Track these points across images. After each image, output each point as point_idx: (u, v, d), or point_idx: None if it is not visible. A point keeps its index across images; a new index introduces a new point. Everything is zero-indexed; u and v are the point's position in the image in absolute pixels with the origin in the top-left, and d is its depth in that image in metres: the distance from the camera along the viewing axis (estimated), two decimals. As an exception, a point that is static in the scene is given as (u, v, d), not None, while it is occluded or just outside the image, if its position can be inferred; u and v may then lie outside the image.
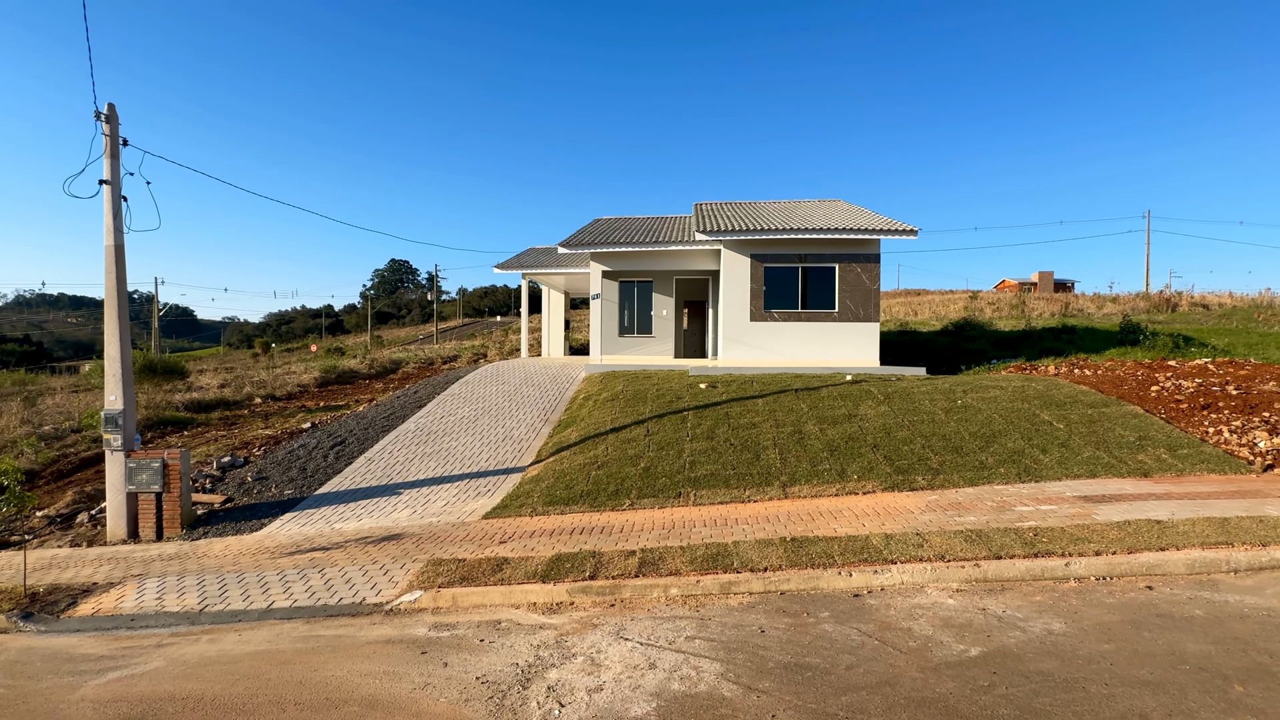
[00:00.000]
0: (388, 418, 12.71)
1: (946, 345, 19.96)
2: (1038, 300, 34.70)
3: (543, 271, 19.28)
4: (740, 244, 14.65)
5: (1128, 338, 17.21)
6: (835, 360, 14.31)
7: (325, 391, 19.82)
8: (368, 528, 7.76)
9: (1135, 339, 16.95)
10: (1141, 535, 5.69)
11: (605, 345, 16.84)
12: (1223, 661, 3.89)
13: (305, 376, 21.60)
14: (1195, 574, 5.20)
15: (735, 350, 14.63)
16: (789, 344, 14.50)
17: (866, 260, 14.38)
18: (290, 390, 19.48)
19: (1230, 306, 27.11)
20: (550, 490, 8.19)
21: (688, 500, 7.60)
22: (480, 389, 14.44)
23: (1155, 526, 5.88)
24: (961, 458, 8.30)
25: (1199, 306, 27.86)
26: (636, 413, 10.78)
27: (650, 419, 10.38)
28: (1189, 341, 16.84)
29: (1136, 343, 16.65)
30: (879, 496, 7.35)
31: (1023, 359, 16.06)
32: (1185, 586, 5.01)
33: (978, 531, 6.01)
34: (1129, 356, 15.11)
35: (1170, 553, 5.33)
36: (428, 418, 12.38)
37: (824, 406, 10.44)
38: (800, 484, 7.83)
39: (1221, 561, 5.23)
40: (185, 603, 5.70)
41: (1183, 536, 5.62)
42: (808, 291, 14.53)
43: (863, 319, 14.37)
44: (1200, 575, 5.18)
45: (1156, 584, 5.08)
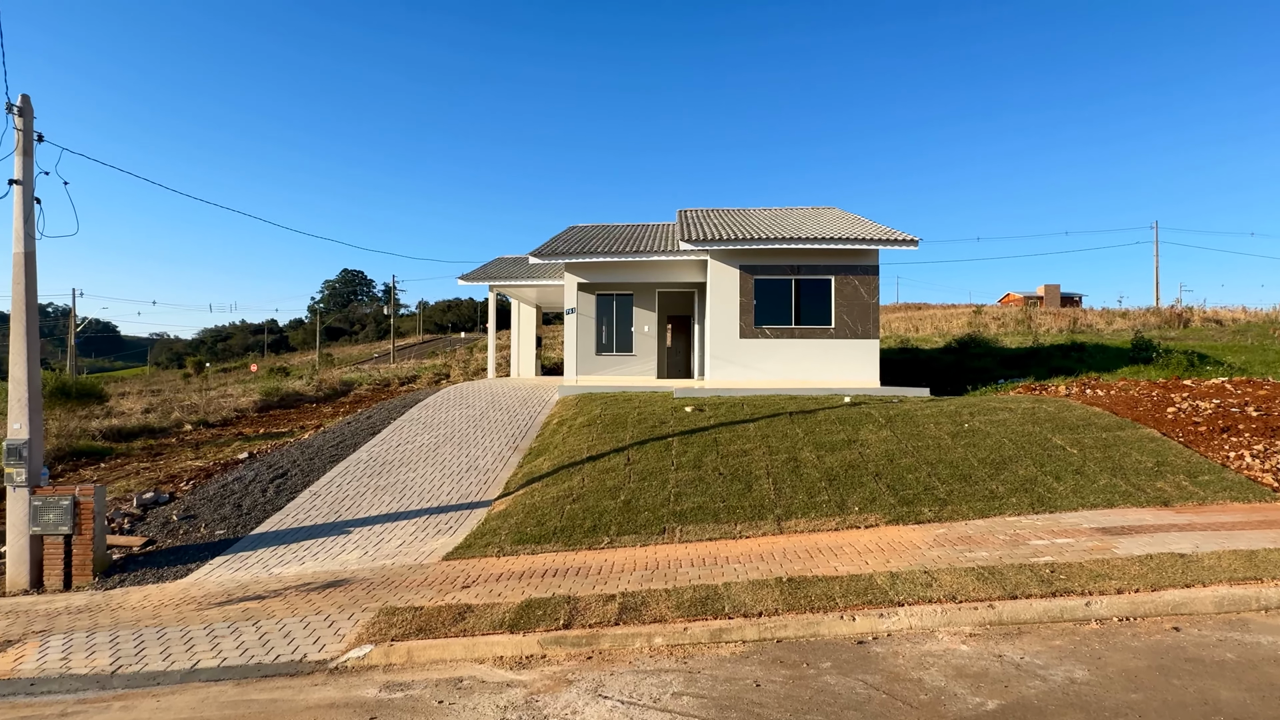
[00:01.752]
0: (337, 446, 12.53)
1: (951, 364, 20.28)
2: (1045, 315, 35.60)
3: (512, 284, 19.26)
4: (729, 254, 14.77)
5: (1140, 355, 17.66)
6: (832, 380, 14.41)
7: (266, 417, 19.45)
8: (311, 572, 7.52)
9: (1148, 357, 17.40)
10: (1165, 571, 5.75)
11: (581, 364, 16.83)
12: (1259, 711, 3.91)
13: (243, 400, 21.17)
14: (1224, 613, 5.25)
15: (724, 370, 14.68)
16: (782, 363, 14.58)
17: (865, 272, 14.57)
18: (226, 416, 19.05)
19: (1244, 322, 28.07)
20: (519, 527, 8.07)
21: (673, 536, 7.53)
22: (442, 413, 14.31)
23: (1179, 561, 5.94)
24: (970, 487, 8.36)
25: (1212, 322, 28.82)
26: (616, 439, 10.72)
27: (631, 446, 10.32)
28: (1204, 359, 17.34)
29: (1149, 361, 17.09)
30: (882, 530, 7.35)
31: (1031, 378, 16.36)
32: (1214, 627, 5.05)
33: (991, 568, 6.01)
34: (1142, 375, 15.48)
35: (1196, 589, 5.39)
36: (382, 446, 12.23)
37: (821, 431, 10.47)
38: (797, 517, 7.81)
39: (1251, 599, 5.30)
40: (95, 663, 5.42)
41: (1209, 572, 5.69)
42: (802, 306, 14.67)
43: (861, 335, 14.52)
44: (1229, 614, 5.24)
45: (1183, 624, 5.11)
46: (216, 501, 10.04)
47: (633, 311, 17.39)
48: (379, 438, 12.80)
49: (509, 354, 24.76)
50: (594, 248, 16.32)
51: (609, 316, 17.51)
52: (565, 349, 16.82)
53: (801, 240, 14.16)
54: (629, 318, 17.38)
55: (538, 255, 15.96)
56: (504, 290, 20.75)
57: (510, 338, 23.26)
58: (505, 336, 44.29)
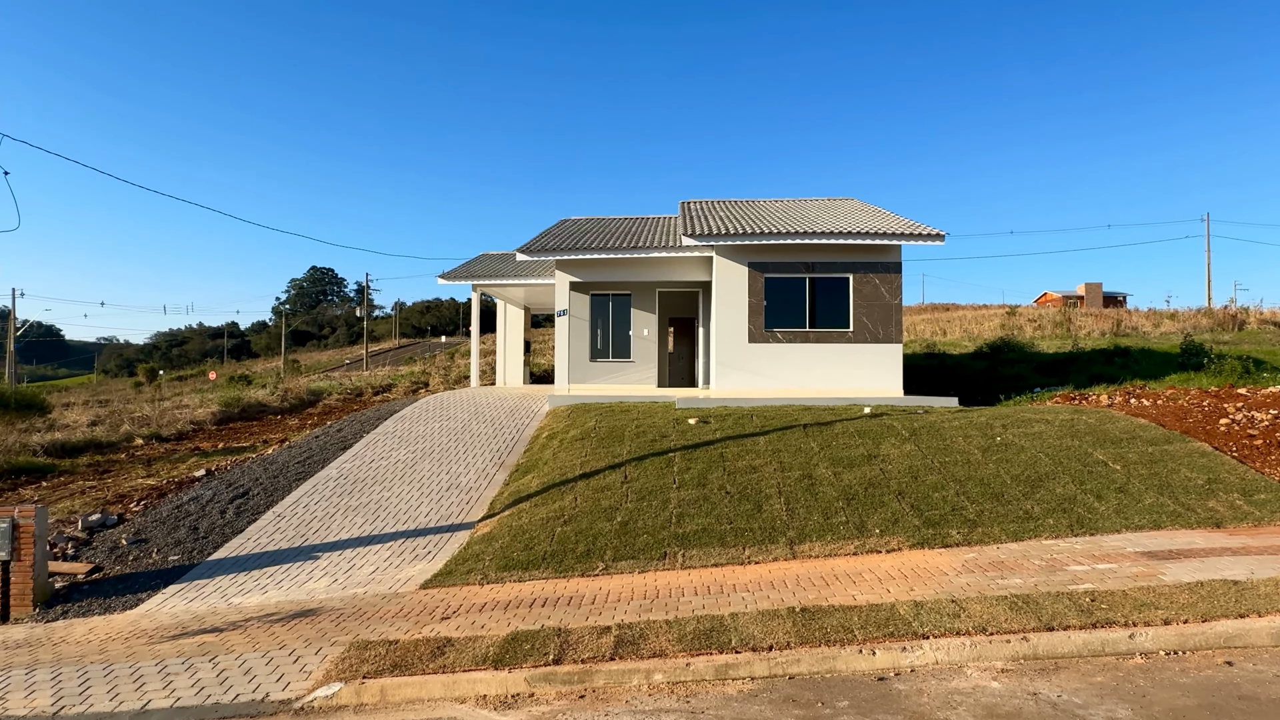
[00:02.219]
0: (304, 462, 12.57)
1: (981, 370, 20.30)
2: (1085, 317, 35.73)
3: (498, 283, 19.30)
4: (736, 250, 14.83)
5: (1190, 361, 17.69)
6: (851, 389, 14.44)
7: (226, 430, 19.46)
8: (275, 602, 7.51)
9: (1199, 363, 17.43)
10: (1217, 599, 5.75)
11: (574, 372, 16.85)
12: (1320, 754, 3.90)
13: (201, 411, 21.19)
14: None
15: (731, 378, 14.70)
16: (795, 370, 14.62)
17: (886, 270, 14.62)
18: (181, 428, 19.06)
19: (1306, 324, 28.15)
20: (505, 552, 8.08)
21: (674, 562, 7.54)
22: (420, 426, 14.33)
23: (1232, 588, 5.95)
24: (1003, 506, 8.37)
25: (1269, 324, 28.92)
26: (612, 455, 10.74)
27: (628, 462, 10.33)
28: (1260, 365, 17.37)
29: (1200, 367, 17.12)
30: (906, 555, 7.37)
31: (1070, 386, 16.39)
32: (1271, 661, 5.05)
33: (1025, 597, 6.02)
34: (1192, 383, 15.51)
35: (1252, 620, 5.39)
36: (354, 462, 12.26)
37: (838, 445, 10.49)
38: (811, 540, 7.83)
39: (1311, 630, 5.29)
40: (36, 704, 5.41)
41: (1265, 600, 5.69)
42: (817, 307, 14.71)
43: (883, 339, 14.55)
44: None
45: (1237, 658, 5.12)
46: (170, 524, 10.03)
47: (631, 313, 17.43)
48: (350, 453, 12.81)
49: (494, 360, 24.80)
50: (588, 243, 16.36)
51: (604, 319, 17.52)
52: (556, 355, 16.86)
53: (816, 235, 14.21)
54: (626, 320, 17.40)
55: (526, 251, 16.01)
56: (489, 290, 20.77)
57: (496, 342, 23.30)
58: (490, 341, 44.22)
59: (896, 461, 9.77)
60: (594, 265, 16.49)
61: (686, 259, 16.19)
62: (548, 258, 16.30)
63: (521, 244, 16.48)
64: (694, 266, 16.35)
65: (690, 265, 16.34)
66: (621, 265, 16.44)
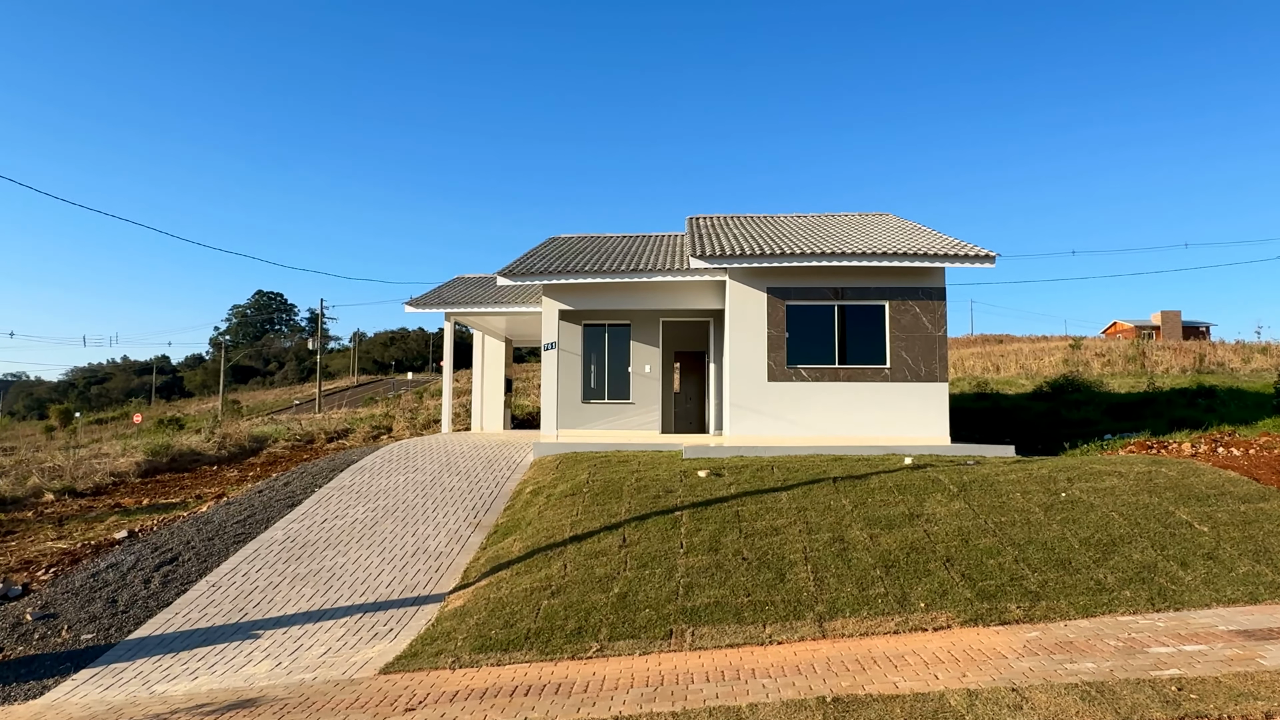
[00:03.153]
0: (244, 522, 12.59)
1: (1042, 414, 20.28)
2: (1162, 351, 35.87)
3: (475, 310, 19.47)
4: (753, 273, 14.97)
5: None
6: (888, 436, 14.45)
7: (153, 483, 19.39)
8: (207, 690, 7.42)
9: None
10: (1327, 687, 5.69)
11: (563, 415, 16.88)
12: None
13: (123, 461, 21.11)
14: (1406, 743, 5.19)
15: (748, 422, 14.72)
16: (823, 413, 14.65)
17: (928, 296, 14.75)
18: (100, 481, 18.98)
19: None
20: (482, 629, 8.01)
21: (682, 642, 7.48)
22: (382, 479, 14.37)
23: (1345, 674, 5.89)
24: (1071, 576, 8.34)
25: (1380, 360, 28.94)
26: (608, 514, 10.72)
27: (628, 523, 10.32)
28: (1371, 408, 17.36)
29: (1300, 410, 17.13)
30: (956, 634, 7.31)
31: (1146, 433, 16.39)
32: (1393, 762, 4.97)
33: (1100, 685, 5.96)
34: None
35: (1369, 713, 5.32)
36: (304, 522, 12.27)
37: (875, 503, 10.48)
38: (844, 616, 7.78)
39: None
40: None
41: (1384, 688, 5.63)
42: (848, 339, 14.78)
43: (925, 377, 14.61)
44: None
45: (1353, 759, 5.04)
46: (85, 596, 9.94)
47: (630, 347, 17.48)
48: (300, 511, 12.83)
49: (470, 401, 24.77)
50: (580, 265, 16.51)
51: (599, 353, 17.54)
52: (543, 395, 16.89)
53: (847, 255, 14.36)
54: (625, 355, 17.44)
55: (508, 274, 16.15)
56: (464, 319, 20.87)
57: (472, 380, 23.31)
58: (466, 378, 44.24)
59: (943, 522, 9.74)
60: (587, 291, 16.63)
61: (695, 283, 16.33)
62: (533, 281, 16.41)
63: (503, 266, 16.63)
64: (704, 292, 16.49)
65: (699, 291, 16.48)
66: (619, 291, 16.58)
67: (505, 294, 19.70)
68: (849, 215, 19.83)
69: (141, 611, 9.47)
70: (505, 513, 11.87)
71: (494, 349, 23.10)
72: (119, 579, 10.43)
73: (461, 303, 19.72)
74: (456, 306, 19.58)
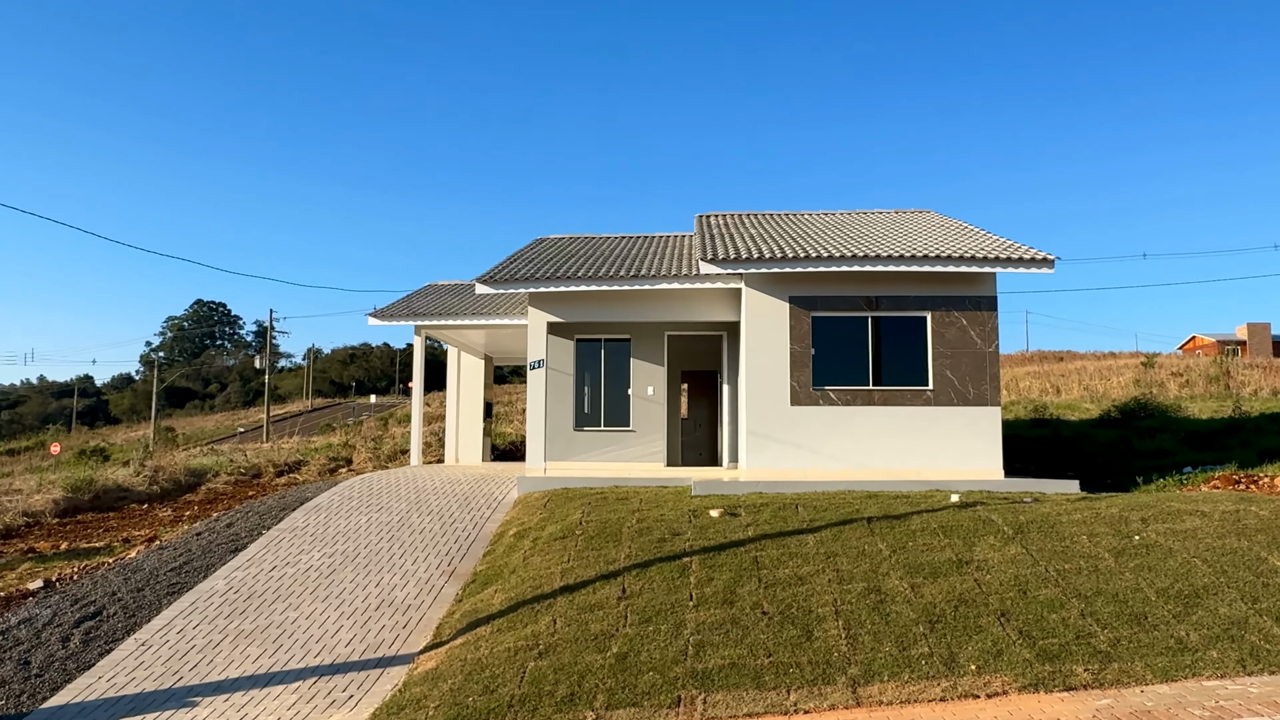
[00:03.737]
0: (180, 570, 12.55)
1: (1110, 443, 20.20)
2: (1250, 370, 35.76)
3: (450, 323, 19.39)
4: (774, 279, 14.88)
5: (1393, 431, 17.50)
6: (932, 469, 14.36)
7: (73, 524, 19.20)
8: (119, 778, 7.09)
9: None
10: None
11: (553, 445, 16.78)
12: None
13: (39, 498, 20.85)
14: None
15: (768, 453, 14.62)
16: (855, 442, 14.57)
17: (977, 306, 14.70)
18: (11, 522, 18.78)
19: None
20: (457, 696, 7.80)
21: (692, 711, 7.27)
22: (340, 519, 14.39)
23: None
24: (1147, 633, 8.16)
25: None
26: (605, 560, 10.66)
27: (628, 570, 10.24)
28: None
29: None
30: (1014, 700, 7.13)
31: (1233, 465, 16.25)
32: None
33: (1210, 776, 5.60)
34: (1401, 461, 15.33)
35: None
36: (250, 570, 12.26)
37: (916, 548, 10.42)
38: (881, 680, 7.58)
39: None
40: None
41: None
42: (884, 356, 14.70)
43: (974, 400, 14.53)
44: None
45: None
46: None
47: (630, 365, 17.49)
48: (244, 557, 12.83)
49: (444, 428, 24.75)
50: (572, 270, 16.42)
51: (595, 373, 17.53)
52: (529, 421, 16.72)
53: (883, 259, 14.26)
54: (624, 375, 17.45)
55: (489, 281, 16.09)
56: (437, 333, 20.80)
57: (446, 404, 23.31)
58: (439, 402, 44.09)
59: (997, 570, 9.65)
60: (580, 300, 16.53)
61: (705, 292, 16.26)
62: (518, 289, 16.35)
63: (483, 272, 16.54)
64: (716, 302, 16.41)
65: (710, 300, 16.41)
66: (618, 300, 16.47)
67: (485, 304, 19.67)
68: (884, 213, 19.91)
69: (59, 675, 9.37)
70: (485, 559, 11.84)
71: (472, 368, 23.04)
72: (32, 637, 10.35)
73: (434, 314, 19.67)
74: (428, 318, 19.50)
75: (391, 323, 19.97)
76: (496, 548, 12.14)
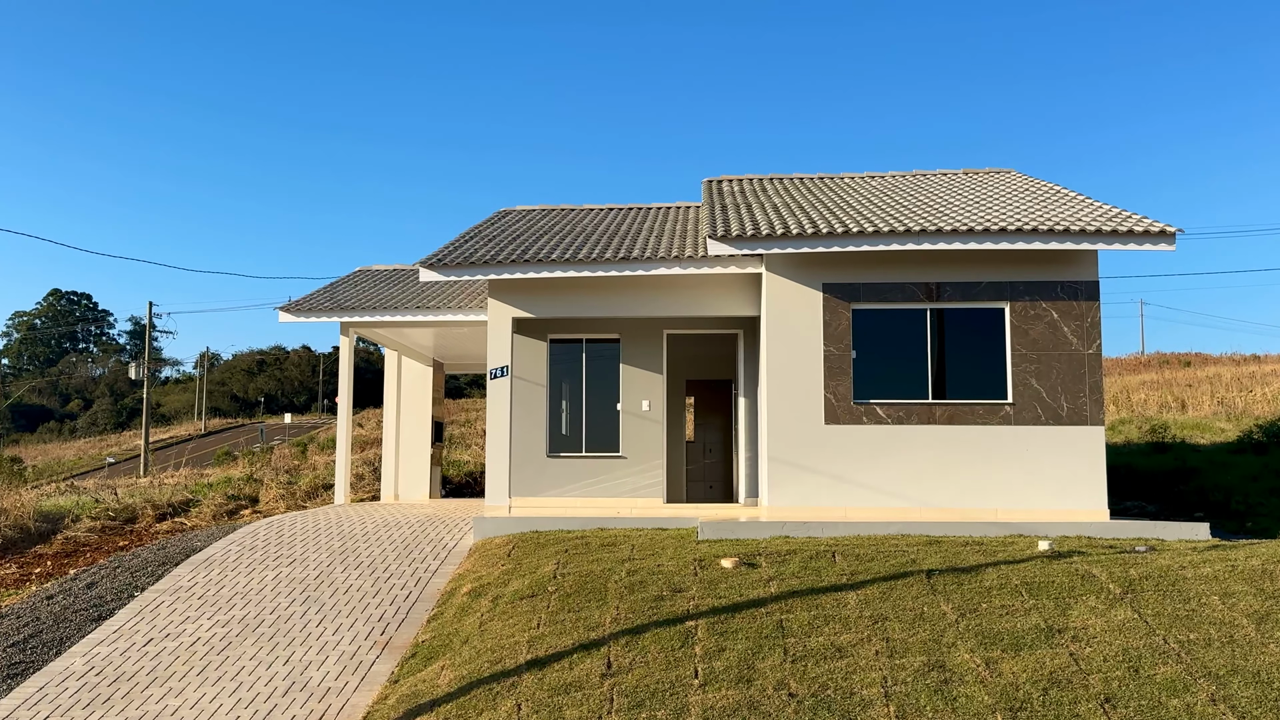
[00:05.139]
0: (24, 645, 12.41)
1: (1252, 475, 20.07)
2: None
3: (388, 319, 19.39)
4: (803, 262, 14.92)
5: None
6: (1011, 508, 14.35)
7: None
8: None
9: None
10: None
11: (520, 476, 16.79)
12: None
13: None
14: None
15: (796, 486, 14.65)
16: (910, 473, 14.58)
17: (1072, 295, 14.71)
18: None
19: None
20: (388, 809, 7.76)
21: (699, 828, 7.23)
22: (241, 577, 14.30)
23: None
24: (1297, 722, 8.12)
25: None
26: (585, 625, 10.62)
27: (615, 638, 10.20)
28: None
29: None
30: (1124, 814, 7.06)
31: None
32: None
33: None
34: None
35: None
36: (118, 644, 12.13)
37: (991, 611, 10.38)
38: (948, 786, 7.53)
39: None
40: None
41: None
42: (947, 361, 14.74)
43: (1068, 418, 14.53)
44: None
45: None
46: None
47: (619, 373, 17.42)
48: (111, 627, 12.69)
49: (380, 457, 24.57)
50: (544, 251, 16.38)
51: (574, 383, 17.49)
52: (489, 446, 16.67)
53: (947, 234, 14.20)
54: (611, 385, 17.39)
55: (438, 266, 16.05)
56: (370, 333, 20.76)
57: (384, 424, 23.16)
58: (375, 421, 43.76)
59: (1100, 640, 9.59)
60: (555, 290, 16.52)
61: (716, 278, 16.26)
62: (475, 275, 16.29)
63: (429, 254, 16.51)
64: (729, 291, 16.44)
65: (723, 289, 16.43)
66: (603, 290, 16.48)
67: (433, 295, 19.56)
68: (948, 174, 19.80)
69: None
70: (429, 625, 11.79)
71: (417, 378, 22.99)
72: None
73: (366, 307, 19.53)
74: (358, 312, 19.41)
75: (310, 319, 19.87)
76: (445, 610, 12.11)
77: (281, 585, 13.72)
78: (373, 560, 14.63)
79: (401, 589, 13.27)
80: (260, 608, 12.92)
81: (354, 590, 13.33)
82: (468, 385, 79.09)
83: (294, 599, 13.15)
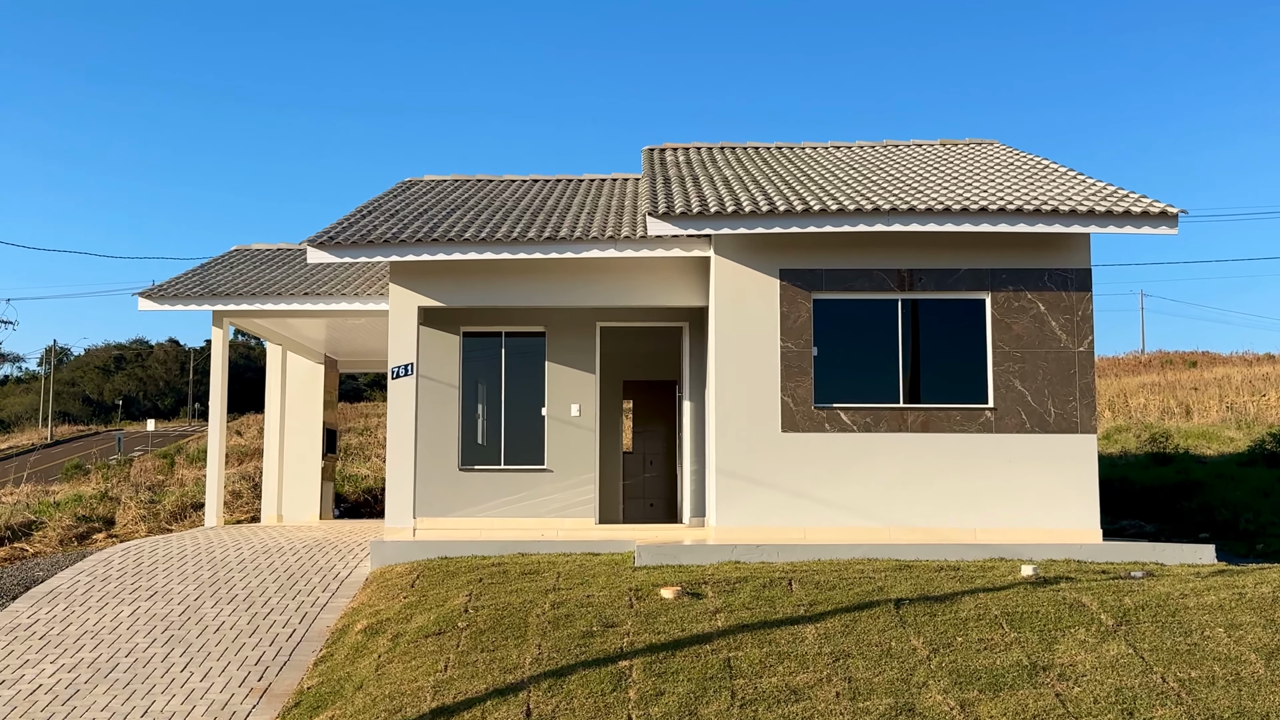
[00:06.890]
0: None
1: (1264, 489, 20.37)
2: None
3: (270, 308, 19.31)
4: (758, 245, 15.01)
5: None
6: (992, 526, 14.50)
7: None
8: None
9: None
10: None
11: (427, 493, 16.82)
12: None
13: None
14: None
15: (749, 503, 14.72)
16: (879, 487, 14.70)
17: (1061, 284, 14.90)
18: None
19: None
20: None
21: None
22: (91, 613, 14.16)
23: None
24: (1311, 773, 8.28)
25: None
26: (501, 667, 10.61)
27: (535, 682, 10.20)
28: None
29: None
30: None
31: None
32: None
33: None
34: None
35: None
36: None
37: (968, 646, 10.48)
38: None
39: None
40: None
41: None
42: (921, 360, 14.89)
43: (1056, 425, 14.71)
44: None
45: None
46: None
47: (544, 372, 17.46)
48: None
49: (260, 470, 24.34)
50: (456, 229, 16.35)
51: (492, 384, 17.53)
52: (390, 457, 16.69)
53: (920, 214, 14.31)
54: (535, 386, 17.44)
55: (329, 245, 15.98)
56: (249, 324, 20.70)
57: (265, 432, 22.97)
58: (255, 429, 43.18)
59: (1090, 679, 9.68)
60: (469, 274, 16.53)
61: (657, 262, 16.32)
62: (374, 256, 16.22)
63: (320, 230, 16.45)
64: (673, 277, 16.52)
65: (665, 275, 16.51)
66: (526, 274, 16.51)
67: (325, 279, 19.46)
68: (921, 145, 20.01)
69: None
70: (317, 669, 11.72)
71: (305, 377, 22.85)
72: None
73: (245, 294, 19.38)
74: (235, 300, 19.29)
75: (177, 306, 19.66)
76: (335, 651, 12.05)
77: (140, 623, 13.56)
78: (249, 593, 14.52)
79: (284, 626, 13.19)
80: (114, 649, 12.74)
81: (226, 628, 13.21)
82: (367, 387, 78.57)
83: (155, 639, 13.00)
